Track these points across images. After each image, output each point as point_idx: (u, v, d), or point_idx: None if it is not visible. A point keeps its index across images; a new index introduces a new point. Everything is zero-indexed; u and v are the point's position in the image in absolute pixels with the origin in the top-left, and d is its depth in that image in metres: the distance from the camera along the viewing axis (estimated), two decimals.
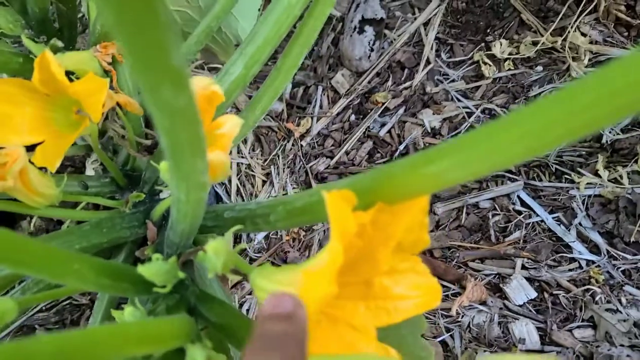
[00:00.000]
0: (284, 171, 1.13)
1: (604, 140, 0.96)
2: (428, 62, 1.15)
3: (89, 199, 0.80)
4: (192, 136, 0.37)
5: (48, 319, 1.16)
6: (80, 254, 0.58)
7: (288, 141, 1.15)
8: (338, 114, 1.16)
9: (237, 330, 0.58)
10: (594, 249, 0.89)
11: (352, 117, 1.15)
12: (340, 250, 0.43)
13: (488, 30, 1.14)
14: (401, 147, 1.08)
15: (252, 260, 1.05)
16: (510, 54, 1.09)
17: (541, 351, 0.83)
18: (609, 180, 0.92)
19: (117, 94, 0.78)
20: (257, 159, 1.17)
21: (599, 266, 0.87)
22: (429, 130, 1.08)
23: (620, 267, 0.87)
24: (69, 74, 0.78)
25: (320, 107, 1.18)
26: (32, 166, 0.67)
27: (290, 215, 0.54)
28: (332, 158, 1.11)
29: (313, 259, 0.41)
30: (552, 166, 0.97)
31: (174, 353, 0.54)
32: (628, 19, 1.04)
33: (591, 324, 0.84)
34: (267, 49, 0.77)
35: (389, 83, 1.16)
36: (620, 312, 0.83)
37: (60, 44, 0.88)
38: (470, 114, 1.06)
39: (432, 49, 1.16)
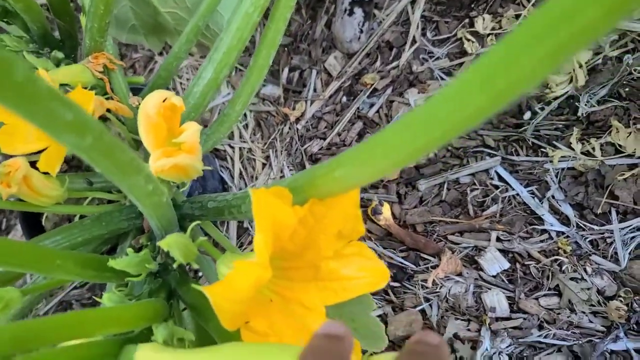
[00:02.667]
0: (281, 154, 1.20)
1: (579, 113, 0.97)
2: (414, 41, 1.18)
3: (93, 194, 0.91)
4: (117, 162, 0.45)
5: (82, 295, 1.29)
6: (64, 251, 0.69)
7: (285, 125, 1.22)
8: (330, 97, 1.22)
9: (206, 311, 0.67)
10: (565, 220, 0.93)
11: (344, 99, 1.20)
12: (263, 240, 0.52)
13: (472, 5, 1.15)
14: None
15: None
16: (492, 29, 1.10)
17: (509, 318, 0.89)
18: (582, 153, 0.95)
19: (107, 101, 0.88)
20: (257, 143, 1.24)
21: (568, 237, 0.91)
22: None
23: (587, 238, 0.90)
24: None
25: (314, 90, 1.23)
26: (35, 171, 0.77)
27: None
28: (325, 139, 1.18)
29: None
30: (529, 140, 1.00)
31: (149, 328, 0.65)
32: None
33: (557, 292, 0.88)
34: (233, 54, 0.83)
35: (378, 63, 1.20)
36: (585, 281, 0.87)
37: (60, 55, 0.98)
38: None
39: (418, 27, 1.18)
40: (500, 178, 1.00)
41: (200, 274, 1.17)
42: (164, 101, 0.68)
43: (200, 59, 1.40)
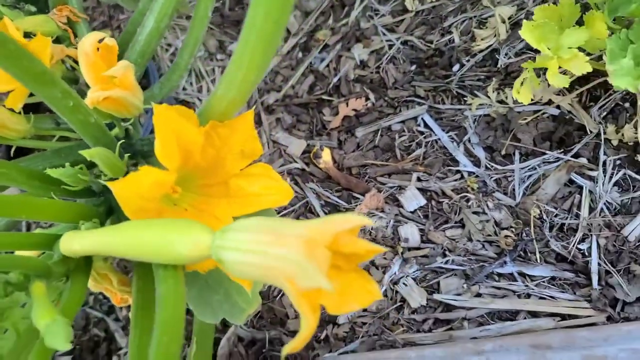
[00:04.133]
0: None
1: (499, 65, 1.05)
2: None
3: (60, 133, 1.04)
4: (26, 70, 0.56)
5: None
6: (8, 161, 0.80)
7: None
8: (288, 52, 1.31)
9: None
10: (477, 162, 1.02)
11: (299, 55, 1.30)
12: (161, 146, 0.63)
13: None
14: (335, 80, 1.22)
15: None
16: None
17: (419, 248, 0.99)
18: (497, 101, 1.03)
19: (69, 49, 1.00)
20: None
21: (477, 176, 1.00)
22: (359, 63, 1.21)
23: (493, 177, 0.99)
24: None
25: None
26: (0, 107, 0.90)
27: None
28: (280, 92, 1.28)
29: None
30: (454, 90, 1.08)
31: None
32: None
33: (461, 225, 0.98)
34: (171, 5, 0.94)
35: (330, 21, 1.29)
36: (486, 214, 0.96)
37: (33, 8, 1.10)
38: (391, 46, 1.18)
39: None
40: (426, 125, 1.09)
41: None
42: (100, 42, 0.79)
43: (177, 19, 1.51)
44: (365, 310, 0.98)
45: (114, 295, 0.87)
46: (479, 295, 0.91)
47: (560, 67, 0.79)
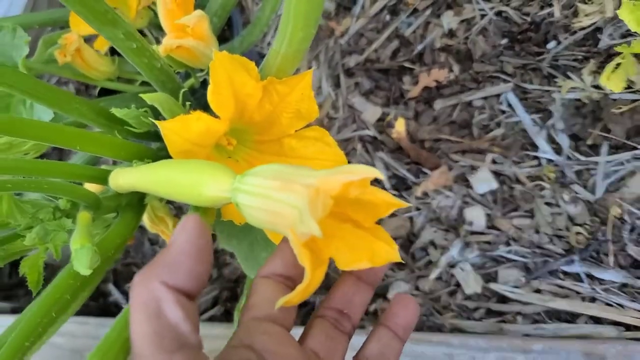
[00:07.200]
0: (323, 65, 1.30)
1: (600, 45, 0.95)
2: None
3: (142, 77, 1.08)
4: (90, 9, 0.59)
5: None
6: (81, 97, 0.85)
7: (331, 39, 1.31)
8: (375, 15, 1.27)
9: None
10: (558, 149, 0.94)
11: (387, 18, 1.25)
12: (215, 92, 0.64)
13: None
14: (420, 47, 1.17)
15: None
16: None
17: (483, 233, 0.94)
18: (591, 86, 0.94)
19: None
20: (306, 55, 1.34)
21: (556, 165, 0.93)
22: (447, 32, 1.15)
23: (574, 168, 0.91)
24: None
25: (362, 7, 1.29)
26: (88, 47, 0.95)
27: None
28: (362, 55, 1.25)
29: None
30: (545, 70, 1.00)
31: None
32: None
33: (531, 215, 0.92)
34: None
35: None
36: (559, 207, 0.89)
37: None
38: (483, 16, 1.10)
39: None
40: (509, 104, 1.02)
41: None
42: None
43: None
44: (417, 289, 0.96)
45: (169, 238, 0.91)
46: (538, 291, 0.86)
47: None
